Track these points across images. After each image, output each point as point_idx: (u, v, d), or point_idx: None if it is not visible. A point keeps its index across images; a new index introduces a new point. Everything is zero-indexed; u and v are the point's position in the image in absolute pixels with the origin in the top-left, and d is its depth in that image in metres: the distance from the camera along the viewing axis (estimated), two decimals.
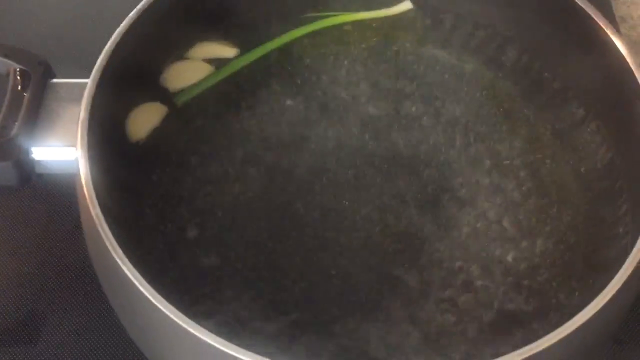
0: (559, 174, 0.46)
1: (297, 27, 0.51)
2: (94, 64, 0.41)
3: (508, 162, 0.46)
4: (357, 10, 0.52)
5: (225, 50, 0.49)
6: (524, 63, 0.50)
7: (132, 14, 0.43)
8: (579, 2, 0.45)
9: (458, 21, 0.52)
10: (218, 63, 0.49)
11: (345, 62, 0.50)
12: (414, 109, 0.48)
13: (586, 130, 0.47)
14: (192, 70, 0.48)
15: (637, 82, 0.42)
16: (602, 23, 0.45)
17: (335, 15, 0.51)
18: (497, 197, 0.45)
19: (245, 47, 0.50)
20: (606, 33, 0.44)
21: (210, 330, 0.33)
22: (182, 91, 0.48)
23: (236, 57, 0.49)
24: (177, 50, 0.49)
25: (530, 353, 0.33)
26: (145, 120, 0.45)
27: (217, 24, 0.50)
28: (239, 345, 0.32)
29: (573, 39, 0.47)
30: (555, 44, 0.49)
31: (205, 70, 0.49)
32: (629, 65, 0.43)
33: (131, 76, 0.44)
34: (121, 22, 0.43)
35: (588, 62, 0.47)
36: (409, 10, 0.52)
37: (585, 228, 0.44)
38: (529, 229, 0.44)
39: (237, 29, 0.50)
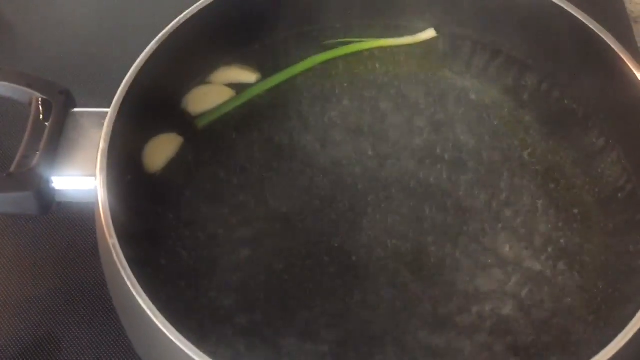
0: (579, 204, 0.45)
1: (319, 53, 0.51)
2: (115, 92, 0.42)
3: (527, 190, 0.46)
4: (379, 36, 0.52)
5: (247, 76, 0.50)
6: (543, 91, 0.50)
7: (152, 44, 0.44)
8: (598, 32, 0.45)
9: (478, 49, 0.52)
10: (239, 88, 0.49)
11: (364, 89, 0.50)
12: (431, 136, 0.48)
13: (607, 159, 0.47)
14: (213, 94, 0.49)
15: None
16: (621, 53, 0.44)
17: (357, 42, 0.51)
18: (515, 226, 0.44)
19: (266, 73, 0.50)
20: (625, 63, 0.44)
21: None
22: (203, 115, 0.48)
23: (257, 82, 0.50)
24: (198, 77, 0.49)
25: None
26: (161, 151, 0.46)
27: (238, 50, 0.50)
28: None
29: (593, 68, 0.47)
30: (575, 72, 0.48)
31: (226, 94, 0.49)
32: None
33: (151, 105, 0.44)
34: (141, 52, 0.43)
35: (609, 91, 0.47)
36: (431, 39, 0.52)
37: (605, 260, 0.43)
38: (547, 260, 0.43)
39: (259, 54, 0.50)
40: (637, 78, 0.43)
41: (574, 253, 0.43)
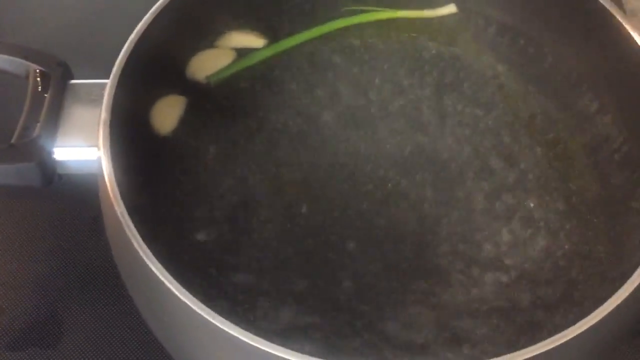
0: (575, 167, 0.46)
1: (333, 20, 0.50)
2: (111, 64, 0.41)
3: (522, 154, 0.46)
4: (395, 7, 0.51)
5: (255, 41, 0.49)
6: (537, 56, 0.50)
7: (149, 14, 0.43)
8: None
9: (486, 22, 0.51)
10: (246, 54, 0.49)
11: (372, 60, 0.50)
12: (435, 103, 0.48)
13: (602, 122, 0.47)
14: (220, 56, 0.48)
15: None
16: (616, 14, 0.45)
17: (374, 11, 0.50)
18: (518, 193, 0.45)
19: (279, 39, 0.49)
20: (621, 24, 0.44)
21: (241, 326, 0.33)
22: (212, 75, 0.48)
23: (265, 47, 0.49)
24: (203, 42, 0.49)
25: (552, 346, 0.34)
26: (168, 113, 0.45)
27: (249, 15, 0.49)
28: (272, 341, 0.32)
29: (586, 30, 0.47)
30: (569, 36, 0.49)
31: (232, 56, 0.49)
32: None
33: (152, 73, 0.44)
34: (137, 24, 0.43)
35: (602, 53, 0.47)
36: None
37: (606, 219, 0.44)
38: (546, 221, 0.44)
39: (271, 20, 0.50)
40: (631, 39, 0.44)
41: (573, 214, 0.44)
